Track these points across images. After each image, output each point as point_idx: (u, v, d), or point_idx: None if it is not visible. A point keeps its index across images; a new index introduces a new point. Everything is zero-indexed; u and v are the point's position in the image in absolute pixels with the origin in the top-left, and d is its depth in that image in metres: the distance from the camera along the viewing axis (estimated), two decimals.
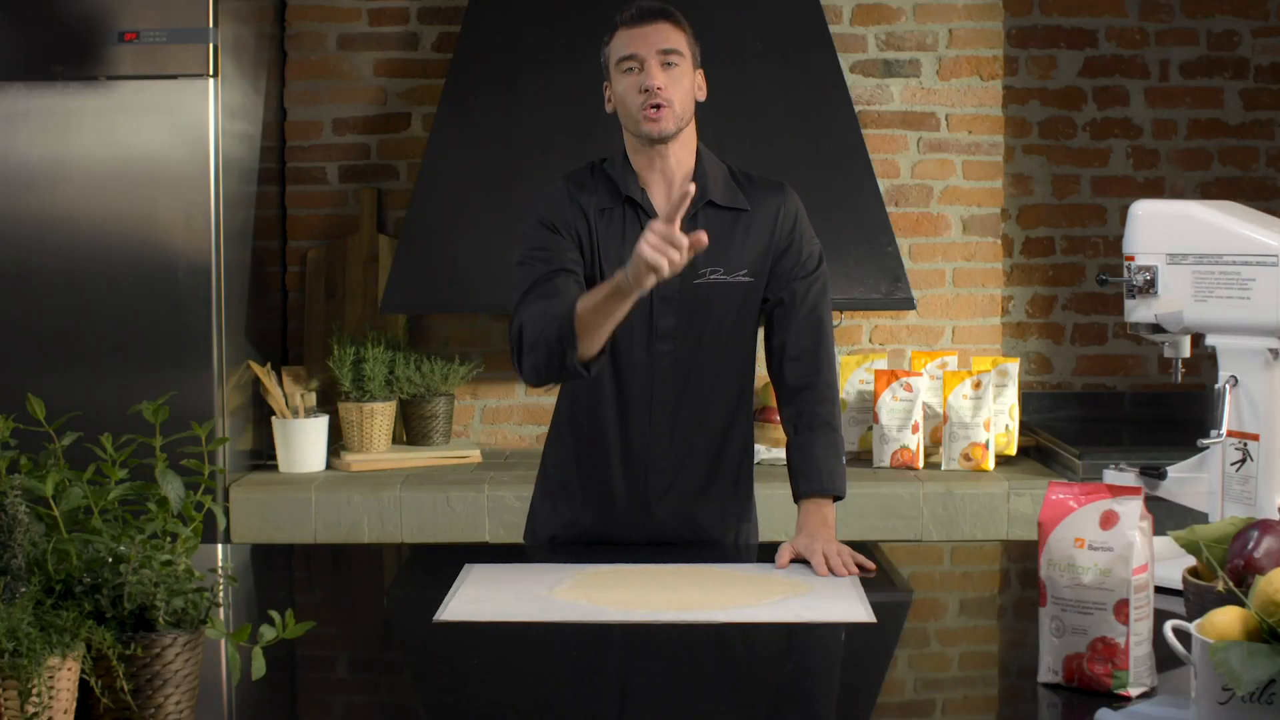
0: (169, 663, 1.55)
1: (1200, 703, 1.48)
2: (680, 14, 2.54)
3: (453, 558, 2.46)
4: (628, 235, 2.48)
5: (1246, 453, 2.25)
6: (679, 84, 2.47)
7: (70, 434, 1.65)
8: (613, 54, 2.51)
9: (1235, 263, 2.22)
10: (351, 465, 3.86)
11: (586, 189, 2.54)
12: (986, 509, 3.63)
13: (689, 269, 2.43)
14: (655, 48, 2.46)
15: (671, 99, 2.45)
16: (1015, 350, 4.33)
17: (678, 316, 2.49)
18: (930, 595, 2.37)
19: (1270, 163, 4.32)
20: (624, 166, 2.54)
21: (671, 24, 2.50)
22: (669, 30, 2.49)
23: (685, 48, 2.50)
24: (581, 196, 2.53)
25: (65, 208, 3.59)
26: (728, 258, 2.50)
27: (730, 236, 2.51)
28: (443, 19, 4.20)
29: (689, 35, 2.53)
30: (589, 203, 2.53)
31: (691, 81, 2.51)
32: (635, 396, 2.53)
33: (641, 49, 2.46)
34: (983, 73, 4.17)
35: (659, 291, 2.45)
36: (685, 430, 2.55)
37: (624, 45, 2.48)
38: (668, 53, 2.47)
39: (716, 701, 1.79)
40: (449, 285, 3.89)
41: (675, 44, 2.48)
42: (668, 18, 2.50)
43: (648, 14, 2.49)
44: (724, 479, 2.60)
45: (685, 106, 2.49)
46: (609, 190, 2.53)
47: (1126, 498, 1.72)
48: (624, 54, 2.48)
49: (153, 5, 3.55)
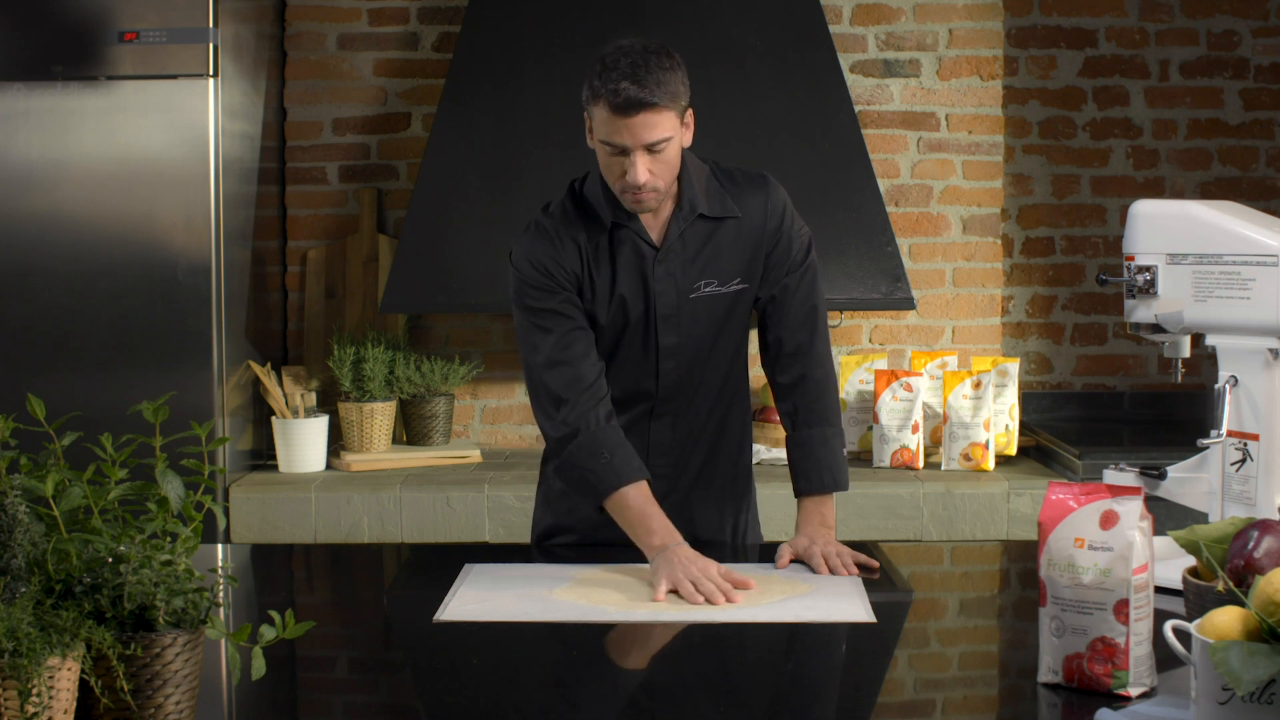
0: (169, 663, 1.55)
1: (1200, 703, 1.48)
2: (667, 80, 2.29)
3: (453, 558, 2.46)
4: (619, 260, 2.44)
5: (1246, 453, 2.25)
6: (665, 163, 2.34)
7: (70, 434, 1.65)
8: (595, 122, 2.33)
9: (1235, 263, 2.22)
10: (351, 465, 3.86)
11: (571, 223, 2.44)
12: (986, 509, 3.63)
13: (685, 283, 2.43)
14: (641, 142, 2.29)
15: (658, 184, 2.34)
16: (1015, 350, 4.33)
17: (679, 333, 2.47)
18: (930, 595, 2.37)
19: (1270, 163, 4.32)
20: (605, 190, 2.42)
21: (658, 112, 2.28)
22: (655, 120, 2.28)
23: (673, 124, 2.32)
24: (569, 233, 2.43)
25: (65, 208, 3.59)
26: (719, 267, 2.46)
27: (720, 245, 2.46)
28: (443, 19, 4.20)
29: (676, 103, 2.32)
30: (579, 237, 2.43)
31: (679, 146, 2.36)
32: (637, 409, 2.52)
33: (626, 140, 2.29)
34: (983, 73, 4.17)
35: (659, 310, 2.44)
36: (683, 436, 2.55)
37: (606, 129, 2.30)
38: (654, 143, 2.30)
39: (717, 701, 1.79)
40: (449, 285, 3.89)
41: (662, 132, 2.29)
42: (655, 107, 2.27)
43: (633, 105, 2.26)
44: (721, 478, 2.60)
45: (670, 179, 2.37)
46: (594, 220, 2.43)
47: (1126, 498, 1.72)
48: (605, 139, 2.31)
49: (153, 5, 3.55)
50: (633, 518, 2.33)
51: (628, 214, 2.43)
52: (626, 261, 2.44)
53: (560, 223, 2.44)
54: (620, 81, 2.26)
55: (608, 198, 2.43)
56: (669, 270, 2.44)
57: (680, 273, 2.44)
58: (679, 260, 2.45)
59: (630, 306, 2.44)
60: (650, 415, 2.52)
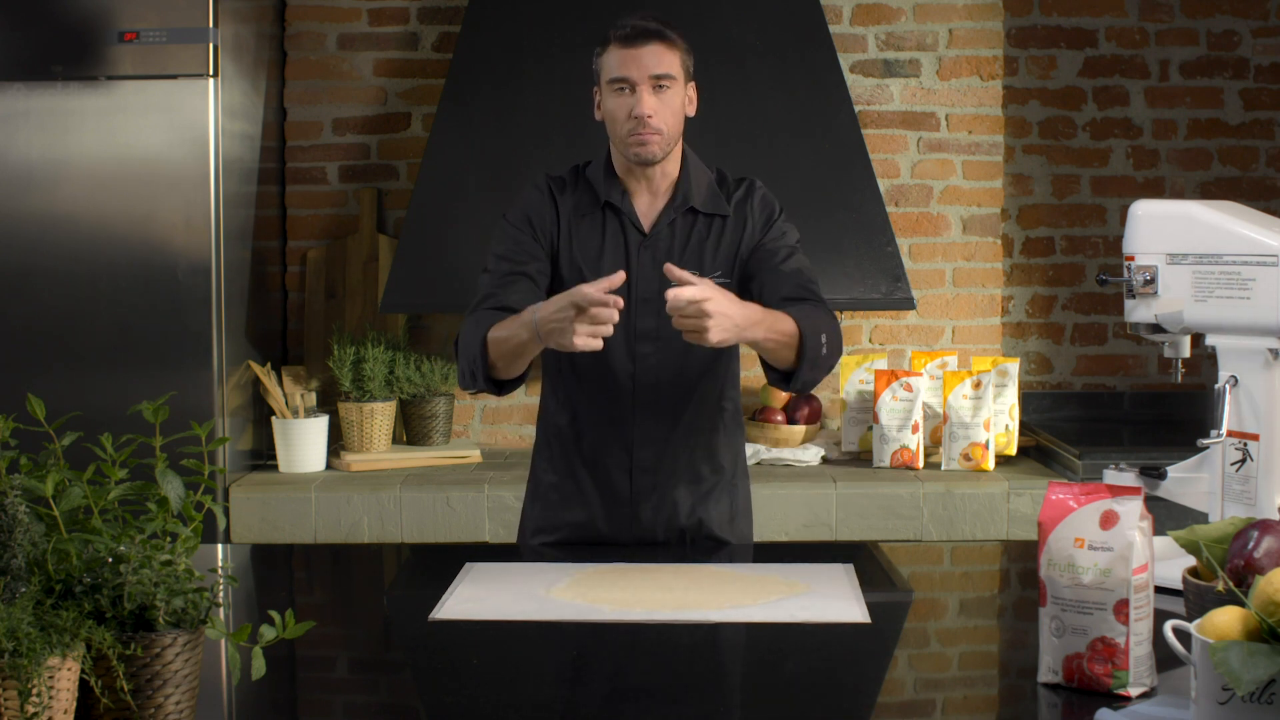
0: (169, 663, 1.55)
1: (1200, 703, 1.48)
2: (674, 30, 2.49)
3: (452, 557, 2.46)
4: (607, 240, 2.52)
5: (1246, 453, 2.25)
6: (669, 107, 2.46)
7: (70, 434, 1.65)
8: (604, 69, 2.49)
9: (1235, 263, 2.22)
10: (351, 465, 3.86)
11: (565, 191, 2.56)
12: (986, 509, 3.63)
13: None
14: (648, 72, 2.43)
15: (661, 126, 2.45)
16: (1015, 350, 4.33)
17: (657, 318, 2.47)
18: (930, 595, 2.37)
19: (1270, 163, 4.32)
20: (606, 171, 2.55)
21: (665, 45, 2.46)
22: (662, 52, 2.45)
23: (678, 68, 2.47)
24: (560, 197, 2.55)
25: (65, 208, 3.59)
26: (702, 260, 2.52)
27: (707, 240, 2.53)
28: (443, 19, 4.20)
29: (683, 51, 2.50)
30: (565, 204, 2.54)
31: (683, 101, 2.49)
32: (618, 398, 2.53)
33: (633, 72, 2.44)
34: (982, 73, 4.17)
35: (639, 293, 2.48)
36: (669, 430, 2.55)
37: (616, 65, 2.45)
38: (660, 77, 2.44)
39: (714, 702, 1.80)
40: (449, 285, 3.88)
41: (668, 67, 2.45)
42: (662, 38, 2.46)
43: (641, 34, 2.44)
44: (712, 477, 2.60)
45: (674, 129, 2.48)
46: (589, 195, 2.55)
47: (1126, 498, 1.72)
48: (615, 75, 2.45)
49: (153, 5, 3.55)
50: (503, 329, 2.38)
51: (620, 197, 2.52)
52: (614, 241, 2.52)
53: (557, 185, 2.56)
54: (631, 21, 2.46)
55: (608, 179, 2.53)
56: (654, 256, 2.50)
57: (663, 259, 2.49)
58: (664, 247, 2.52)
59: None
60: (633, 407, 2.53)
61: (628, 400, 2.53)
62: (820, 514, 3.62)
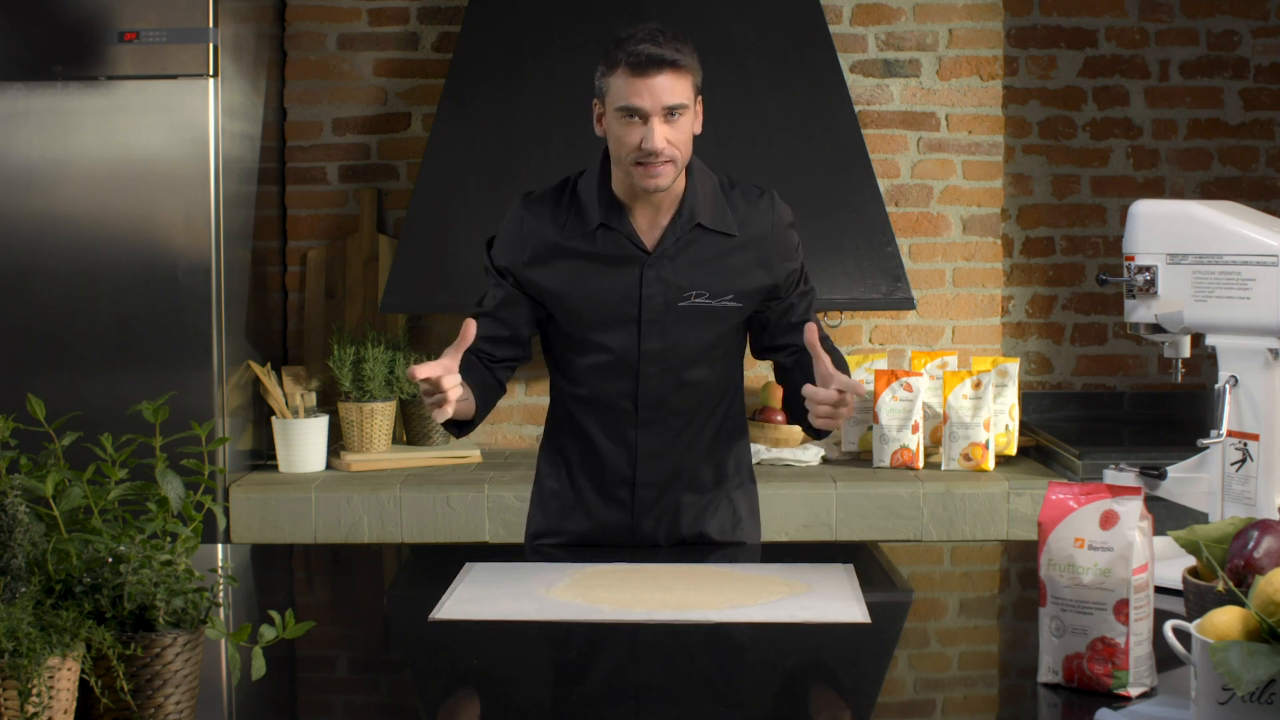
0: (169, 663, 1.55)
1: (1200, 703, 1.48)
2: (685, 49, 2.33)
3: (453, 557, 2.46)
4: (605, 262, 2.43)
5: (1246, 453, 2.25)
6: (682, 135, 2.33)
7: (70, 434, 1.65)
8: (611, 93, 2.33)
9: (1235, 263, 2.22)
10: (351, 465, 3.86)
11: (548, 213, 2.45)
12: (986, 509, 3.63)
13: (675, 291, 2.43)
14: (661, 103, 2.29)
15: (674, 155, 2.32)
16: (1015, 350, 4.33)
17: (663, 339, 2.45)
18: (930, 595, 2.37)
19: (1270, 163, 4.32)
20: (601, 186, 2.43)
21: (677, 72, 2.30)
22: (675, 81, 2.30)
23: (690, 94, 2.33)
24: (539, 223, 2.45)
25: (65, 208, 3.59)
26: (713, 282, 2.44)
27: (716, 260, 2.44)
28: (443, 19, 4.20)
29: (694, 73, 2.34)
30: (546, 228, 2.44)
31: (693, 123, 2.37)
32: (622, 416, 2.51)
33: (646, 103, 2.29)
34: (982, 73, 4.17)
35: (645, 314, 2.44)
36: (671, 444, 2.53)
37: (625, 93, 2.30)
38: (672, 108, 2.30)
39: (714, 702, 1.80)
40: (449, 285, 3.89)
41: (681, 96, 2.30)
42: (675, 66, 2.30)
43: (654, 63, 2.28)
44: (715, 487, 2.58)
45: (686, 155, 2.36)
46: (581, 214, 2.43)
47: (1126, 498, 1.72)
48: (624, 104, 2.30)
49: (153, 5, 3.55)
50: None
51: (618, 216, 2.42)
52: (614, 263, 2.43)
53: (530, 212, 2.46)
54: (641, 44, 2.30)
55: (602, 198, 2.42)
56: (660, 275, 2.43)
57: (671, 279, 2.43)
58: (670, 267, 2.43)
59: (616, 308, 2.44)
60: (635, 424, 2.50)
61: (631, 418, 2.50)
62: (820, 514, 3.62)
